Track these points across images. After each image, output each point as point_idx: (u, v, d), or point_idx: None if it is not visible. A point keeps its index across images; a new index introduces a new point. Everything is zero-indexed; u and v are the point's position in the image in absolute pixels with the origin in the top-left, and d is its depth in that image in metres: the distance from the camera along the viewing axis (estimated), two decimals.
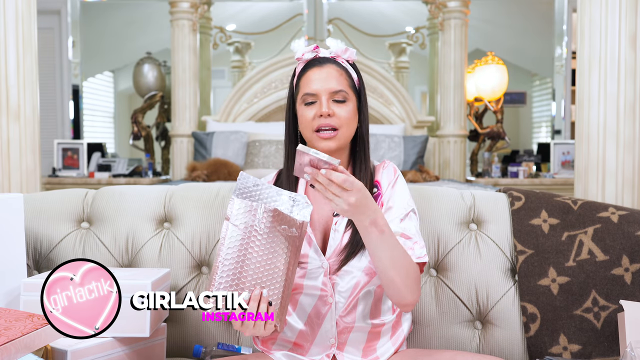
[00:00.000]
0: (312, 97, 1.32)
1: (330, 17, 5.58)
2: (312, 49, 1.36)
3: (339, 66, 1.35)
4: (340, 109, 1.32)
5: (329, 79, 1.32)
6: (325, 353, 1.35)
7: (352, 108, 1.33)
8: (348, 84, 1.34)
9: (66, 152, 5.00)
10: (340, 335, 1.34)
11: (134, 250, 1.64)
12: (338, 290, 1.32)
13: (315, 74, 1.33)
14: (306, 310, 1.34)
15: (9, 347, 1.05)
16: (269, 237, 1.17)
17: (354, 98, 1.35)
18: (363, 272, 1.32)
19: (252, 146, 4.55)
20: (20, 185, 2.46)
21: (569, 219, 1.63)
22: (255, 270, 1.16)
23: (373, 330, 1.37)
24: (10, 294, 1.40)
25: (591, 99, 2.24)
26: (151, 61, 5.34)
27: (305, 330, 1.35)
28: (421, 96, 5.88)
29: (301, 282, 1.33)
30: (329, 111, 1.30)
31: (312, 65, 1.35)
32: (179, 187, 1.75)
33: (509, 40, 5.87)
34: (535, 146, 5.74)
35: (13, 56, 2.42)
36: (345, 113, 1.32)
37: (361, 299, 1.34)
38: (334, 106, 1.32)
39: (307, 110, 1.33)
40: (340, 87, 1.32)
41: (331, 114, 1.30)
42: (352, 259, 1.31)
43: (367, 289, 1.34)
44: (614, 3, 2.19)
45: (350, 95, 1.33)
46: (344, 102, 1.32)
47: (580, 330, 1.54)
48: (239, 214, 1.18)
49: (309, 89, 1.32)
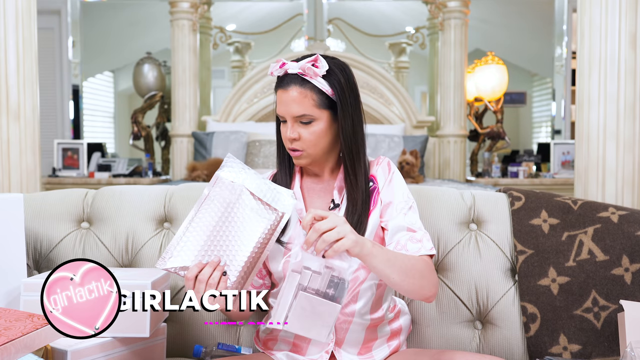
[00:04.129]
0: (282, 117, 1.33)
1: (330, 17, 5.58)
2: (279, 67, 1.31)
3: (303, 86, 1.29)
4: (305, 131, 1.31)
5: (291, 103, 1.29)
6: (324, 350, 1.35)
7: (319, 128, 1.31)
8: (314, 103, 1.29)
9: (66, 152, 5.00)
10: (338, 331, 1.34)
11: (134, 250, 1.64)
12: None
13: (281, 95, 1.31)
14: None
15: (9, 347, 1.05)
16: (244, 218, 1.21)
17: (324, 114, 1.31)
18: (360, 265, 1.32)
19: (252, 146, 4.55)
20: (20, 185, 2.46)
21: (569, 219, 1.63)
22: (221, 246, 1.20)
23: (371, 327, 1.37)
24: (10, 294, 1.40)
25: (591, 99, 2.24)
26: (151, 61, 5.34)
27: None
28: (421, 96, 5.88)
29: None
30: (293, 135, 1.31)
31: (280, 84, 1.32)
32: (179, 187, 1.75)
33: (509, 40, 5.87)
34: (535, 146, 5.74)
35: (13, 56, 2.42)
36: (309, 135, 1.31)
37: (362, 294, 1.34)
38: (300, 128, 1.31)
39: (283, 128, 1.35)
40: (302, 111, 1.29)
41: (296, 138, 1.31)
42: None
43: (367, 283, 1.34)
44: (614, 3, 2.19)
45: (316, 115, 1.30)
46: (309, 124, 1.31)
47: (580, 330, 1.54)
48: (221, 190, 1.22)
49: (278, 110, 1.33)
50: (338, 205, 1.35)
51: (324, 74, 1.30)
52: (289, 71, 1.31)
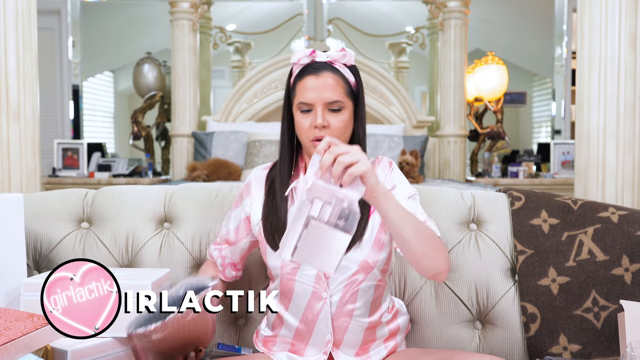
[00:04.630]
0: (308, 105, 1.31)
1: (330, 17, 5.58)
2: (309, 54, 1.32)
3: (335, 73, 1.31)
4: (335, 119, 1.30)
5: (325, 89, 1.29)
6: (322, 351, 1.34)
7: (347, 116, 1.32)
8: (344, 91, 1.31)
9: (66, 152, 5.00)
10: (336, 331, 1.34)
11: (134, 250, 1.64)
12: (334, 285, 1.32)
13: (311, 81, 1.30)
14: (301, 305, 1.34)
15: (9, 347, 1.05)
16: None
17: (350, 105, 1.33)
18: (360, 266, 1.32)
19: (252, 146, 4.55)
20: (20, 185, 2.46)
21: (569, 219, 1.63)
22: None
23: (370, 328, 1.37)
24: (10, 294, 1.40)
25: (591, 99, 2.24)
26: (151, 61, 5.34)
27: (301, 328, 1.35)
28: (421, 96, 5.88)
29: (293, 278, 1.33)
30: (323, 123, 1.29)
31: (309, 71, 1.31)
32: (179, 187, 1.75)
33: (509, 40, 5.87)
34: (535, 146, 5.74)
35: (13, 56, 2.42)
36: (339, 123, 1.30)
37: (360, 295, 1.33)
38: (329, 116, 1.30)
39: (303, 118, 1.32)
40: (336, 97, 1.30)
41: (326, 126, 1.29)
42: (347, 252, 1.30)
43: (365, 283, 1.33)
44: (614, 3, 2.19)
45: (346, 103, 1.31)
46: (339, 111, 1.30)
47: (580, 330, 1.54)
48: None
49: (305, 98, 1.30)
50: None
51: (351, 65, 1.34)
52: (317, 59, 1.32)
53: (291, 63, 1.36)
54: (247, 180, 1.45)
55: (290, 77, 1.37)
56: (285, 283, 1.35)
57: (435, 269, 1.22)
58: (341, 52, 1.32)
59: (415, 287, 1.61)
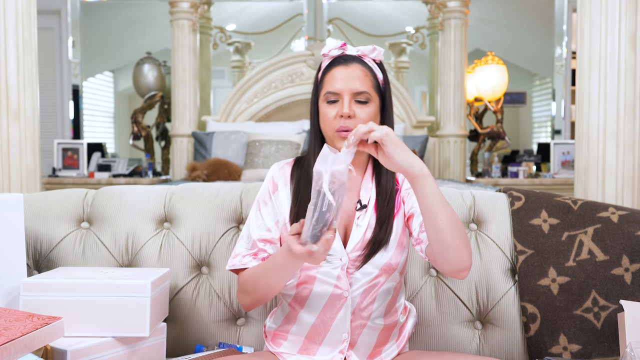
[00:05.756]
0: (335, 95, 1.31)
1: (330, 17, 5.58)
2: (340, 46, 1.34)
3: (364, 66, 1.33)
4: (362, 110, 1.30)
5: (353, 79, 1.30)
6: (338, 350, 1.33)
7: (373, 109, 1.32)
8: (372, 84, 1.32)
9: (66, 152, 5.00)
10: (353, 331, 1.33)
11: (134, 250, 1.64)
12: (356, 286, 1.31)
13: (340, 72, 1.31)
14: (319, 303, 1.32)
15: (9, 347, 1.05)
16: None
17: (377, 99, 1.33)
18: (382, 270, 1.31)
19: (252, 146, 4.55)
20: (20, 185, 2.46)
21: (569, 219, 1.63)
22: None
23: (385, 330, 1.36)
24: (10, 294, 1.40)
25: (591, 99, 2.24)
26: (151, 61, 5.34)
27: (317, 325, 1.33)
28: (421, 96, 5.88)
29: (314, 275, 1.31)
30: (349, 112, 1.28)
31: (338, 63, 1.33)
32: (179, 187, 1.75)
33: (509, 40, 5.87)
34: (535, 146, 5.75)
35: (13, 56, 2.42)
36: (365, 115, 1.30)
37: (380, 296, 1.33)
38: (356, 107, 1.30)
39: (329, 109, 1.31)
40: (364, 88, 1.30)
41: (352, 115, 1.29)
42: (374, 255, 1.30)
43: (386, 285, 1.33)
44: (614, 3, 2.19)
45: (373, 97, 1.32)
46: (366, 104, 1.31)
47: (580, 330, 1.54)
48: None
49: (332, 88, 1.31)
50: (365, 206, 1.34)
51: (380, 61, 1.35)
52: (347, 52, 1.34)
53: (321, 54, 1.37)
54: (269, 176, 1.40)
55: (319, 71, 1.37)
56: (304, 280, 1.33)
57: (460, 264, 1.22)
58: (371, 47, 1.34)
59: (415, 287, 1.61)
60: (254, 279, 1.30)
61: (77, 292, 1.32)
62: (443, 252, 1.21)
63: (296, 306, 1.35)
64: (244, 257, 1.35)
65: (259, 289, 1.29)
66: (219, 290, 1.61)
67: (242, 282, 1.34)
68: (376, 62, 1.36)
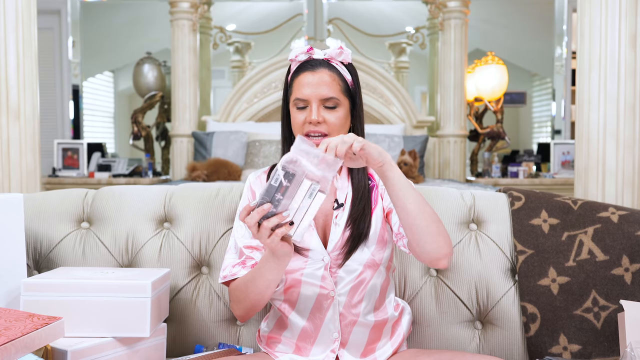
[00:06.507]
0: (303, 102, 1.32)
1: (330, 17, 5.58)
2: (306, 51, 1.34)
3: (332, 70, 1.33)
4: (330, 115, 1.31)
5: (321, 85, 1.30)
6: (330, 349, 1.34)
7: (342, 113, 1.33)
8: (341, 88, 1.33)
9: (66, 152, 5.00)
10: (344, 330, 1.34)
11: (134, 250, 1.64)
12: (342, 285, 1.32)
13: (307, 78, 1.31)
14: (308, 305, 1.34)
15: (9, 347, 1.05)
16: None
17: (346, 102, 1.34)
18: (365, 266, 1.32)
19: (252, 146, 4.55)
20: (20, 185, 2.46)
21: (569, 219, 1.63)
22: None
23: (375, 327, 1.37)
24: (10, 294, 1.40)
25: (591, 99, 2.24)
26: (151, 61, 5.34)
27: (308, 327, 1.35)
28: (421, 96, 5.88)
29: (299, 278, 1.32)
30: (318, 119, 1.30)
31: (305, 68, 1.33)
32: (179, 187, 1.75)
33: (509, 40, 5.87)
34: (535, 146, 5.74)
35: (13, 56, 2.42)
36: (334, 119, 1.31)
37: (367, 293, 1.34)
38: (325, 112, 1.31)
39: (299, 114, 1.33)
40: (332, 94, 1.31)
41: (321, 121, 1.30)
42: (354, 252, 1.31)
43: (372, 282, 1.34)
44: (614, 3, 2.19)
45: (342, 101, 1.32)
46: (335, 109, 1.32)
47: (580, 330, 1.54)
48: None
49: (300, 94, 1.32)
50: (342, 205, 1.35)
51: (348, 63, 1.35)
52: (314, 56, 1.34)
53: (288, 60, 1.37)
54: (247, 185, 1.43)
55: (288, 74, 1.38)
56: (291, 284, 1.34)
57: (438, 250, 1.23)
58: (338, 49, 1.34)
59: (415, 287, 1.61)
60: (244, 286, 1.31)
61: (78, 292, 1.32)
62: (419, 239, 1.23)
63: (286, 310, 1.37)
64: (233, 267, 1.36)
65: (250, 295, 1.30)
66: (218, 291, 1.61)
67: (233, 290, 1.34)
68: (344, 64, 1.36)
